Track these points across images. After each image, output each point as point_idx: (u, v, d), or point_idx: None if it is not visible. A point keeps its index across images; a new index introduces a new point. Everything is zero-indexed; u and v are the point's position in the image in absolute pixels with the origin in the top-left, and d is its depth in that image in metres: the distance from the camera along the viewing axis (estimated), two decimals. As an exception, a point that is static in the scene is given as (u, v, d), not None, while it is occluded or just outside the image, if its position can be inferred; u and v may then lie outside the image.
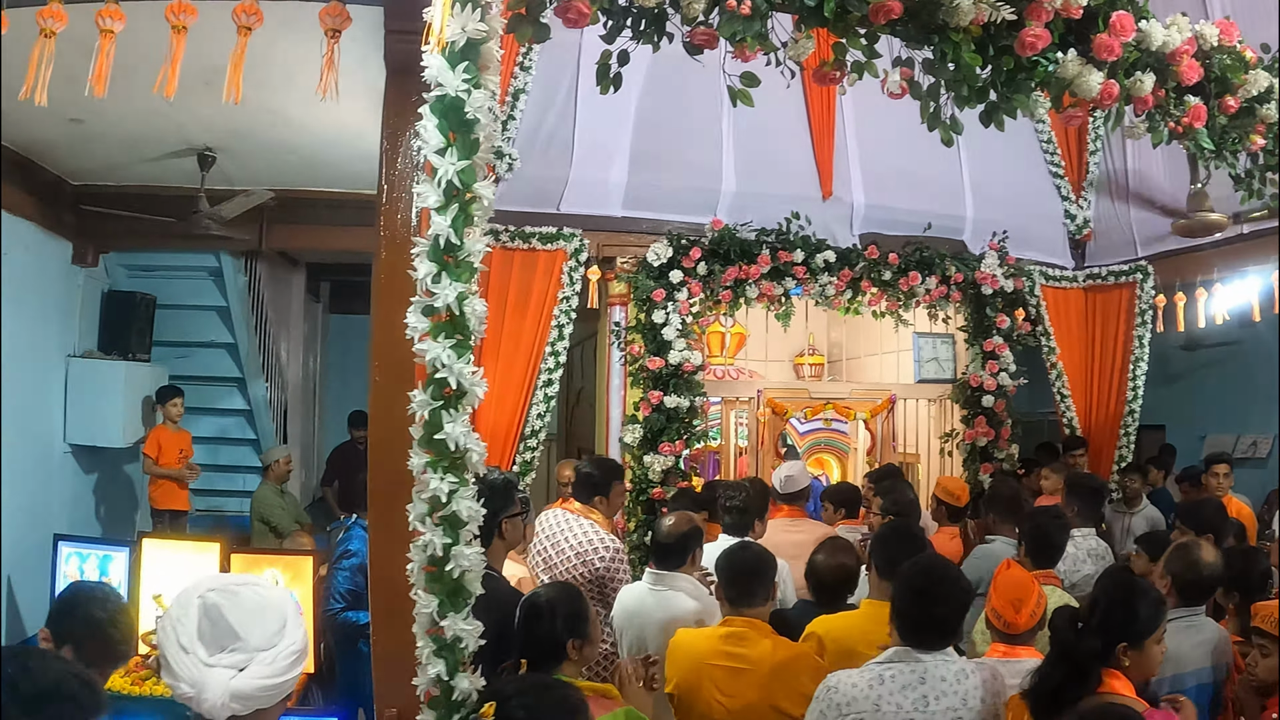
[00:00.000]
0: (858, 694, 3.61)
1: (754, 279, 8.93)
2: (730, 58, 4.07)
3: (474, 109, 3.37)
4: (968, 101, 4.42)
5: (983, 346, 9.96)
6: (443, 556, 3.34)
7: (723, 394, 9.73)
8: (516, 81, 8.20)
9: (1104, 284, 10.46)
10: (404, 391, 3.48)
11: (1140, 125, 5.09)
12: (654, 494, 8.45)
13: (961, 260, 9.81)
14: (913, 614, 3.74)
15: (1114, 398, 10.35)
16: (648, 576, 5.19)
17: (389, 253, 4.69)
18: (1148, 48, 4.65)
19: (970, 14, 3.97)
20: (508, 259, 8.22)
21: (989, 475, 9.69)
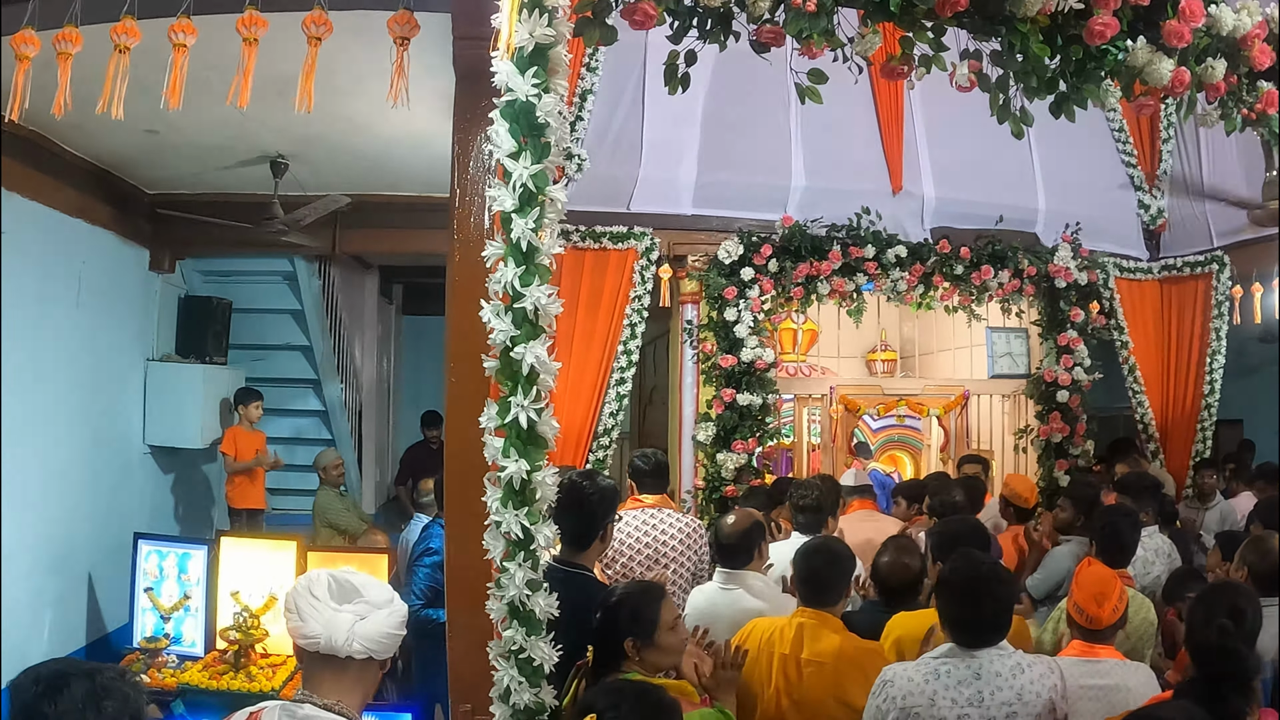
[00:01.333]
0: (913, 688, 3.63)
1: (825, 275, 8.90)
2: (797, 55, 4.06)
3: (544, 113, 3.41)
4: (1037, 93, 4.39)
5: (1057, 341, 9.86)
6: (522, 539, 3.39)
7: (795, 391, 9.71)
8: (584, 82, 8.19)
9: (1179, 275, 10.31)
10: (478, 390, 3.52)
11: (1213, 113, 5.03)
12: (727, 492, 8.42)
13: (1034, 253, 9.71)
14: (957, 615, 3.77)
15: (1190, 392, 10.21)
16: (718, 576, 5.20)
17: (462, 255, 4.74)
18: (1218, 33, 4.59)
19: (1037, 4, 3.94)
20: (579, 259, 8.26)
21: (1064, 472, 9.60)
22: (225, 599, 6.70)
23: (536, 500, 3.45)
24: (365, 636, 2.98)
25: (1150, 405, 10.29)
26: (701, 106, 8.79)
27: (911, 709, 3.59)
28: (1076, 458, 9.81)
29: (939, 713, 3.57)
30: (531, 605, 3.44)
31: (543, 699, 3.51)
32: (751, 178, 9.08)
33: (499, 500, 3.43)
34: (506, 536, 3.41)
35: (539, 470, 3.44)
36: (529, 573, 3.44)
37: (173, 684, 6.54)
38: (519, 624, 3.47)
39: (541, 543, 3.44)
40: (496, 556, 3.47)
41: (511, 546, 3.43)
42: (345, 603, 3.01)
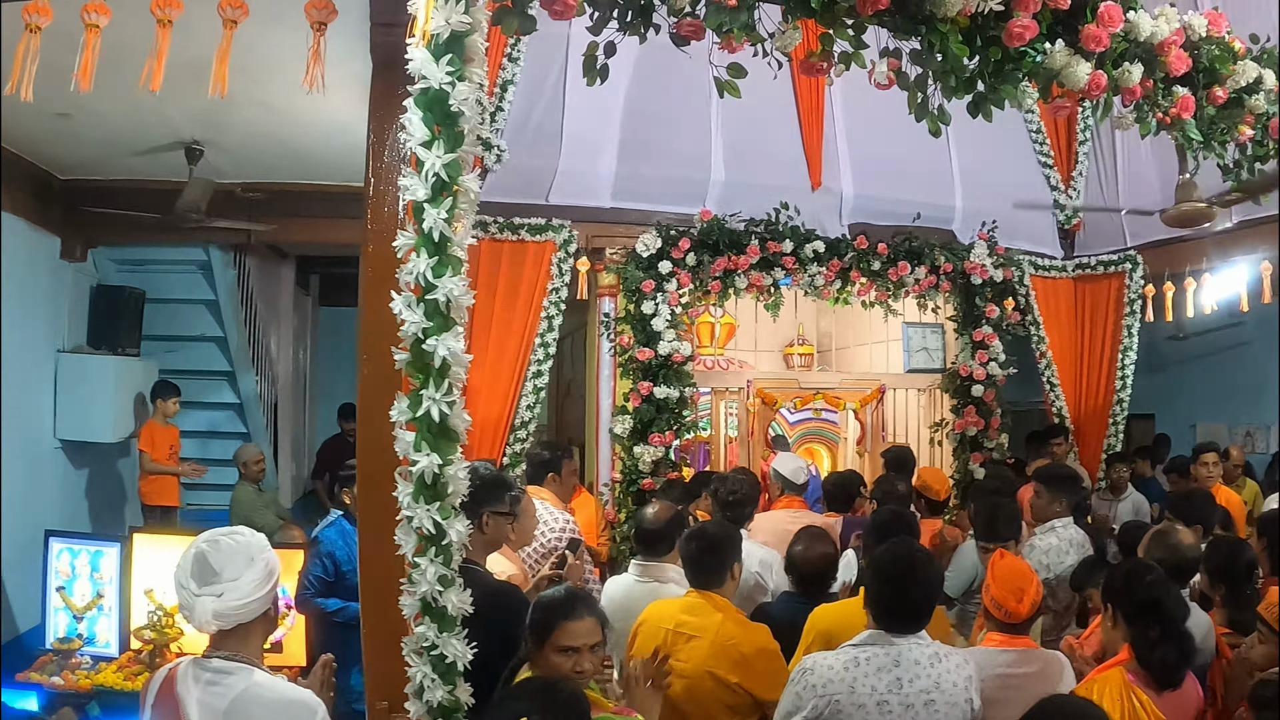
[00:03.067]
0: (833, 675, 3.66)
1: (743, 269, 8.92)
2: (717, 49, 4.06)
3: (459, 102, 3.37)
4: (955, 92, 4.42)
5: (972, 336, 10.00)
6: (434, 534, 3.37)
7: (712, 384, 9.70)
8: (505, 72, 8.13)
9: (1093, 274, 10.54)
10: (390, 383, 3.49)
11: (1128, 116, 5.10)
12: (644, 485, 8.42)
13: (951, 250, 9.84)
14: (885, 599, 3.81)
15: (1103, 387, 10.44)
16: (634, 568, 5.20)
17: (377, 246, 4.69)
18: (1136, 38, 4.65)
19: (958, 5, 3.97)
20: (496, 250, 8.20)
21: (979, 464, 9.74)
22: (139, 598, 6.58)
23: (448, 495, 3.42)
24: (224, 614, 3.32)
25: (1064, 399, 10.44)
26: (622, 99, 8.76)
27: (831, 696, 3.62)
28: (991, 451, 9.96)
29: (858, 699, 3.61)
30: (444, 602, 3.41)
31: (458, 696, 3.49)
32: (671, 171, 9.05)
33: (410, 495, 3.40)
34: (418, 532, 3.38)
35: (451, 464, 3.41)
36: (441, 568, 3.41)
37: (87, 685, 6.40)
38: (431, 620, 3.44)
39: (454, 538, 3.41)
40: (408, 552, 3.44)
41: (423, 542, 3.41)
42: (205, 586, 3.33)
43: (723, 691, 4.35)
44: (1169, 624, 3.92)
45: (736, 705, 4.36)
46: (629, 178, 8.88)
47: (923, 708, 3.63)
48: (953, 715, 3.69)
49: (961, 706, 3.71)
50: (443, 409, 3.35)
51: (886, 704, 3.61)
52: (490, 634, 3.75)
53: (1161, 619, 3.93)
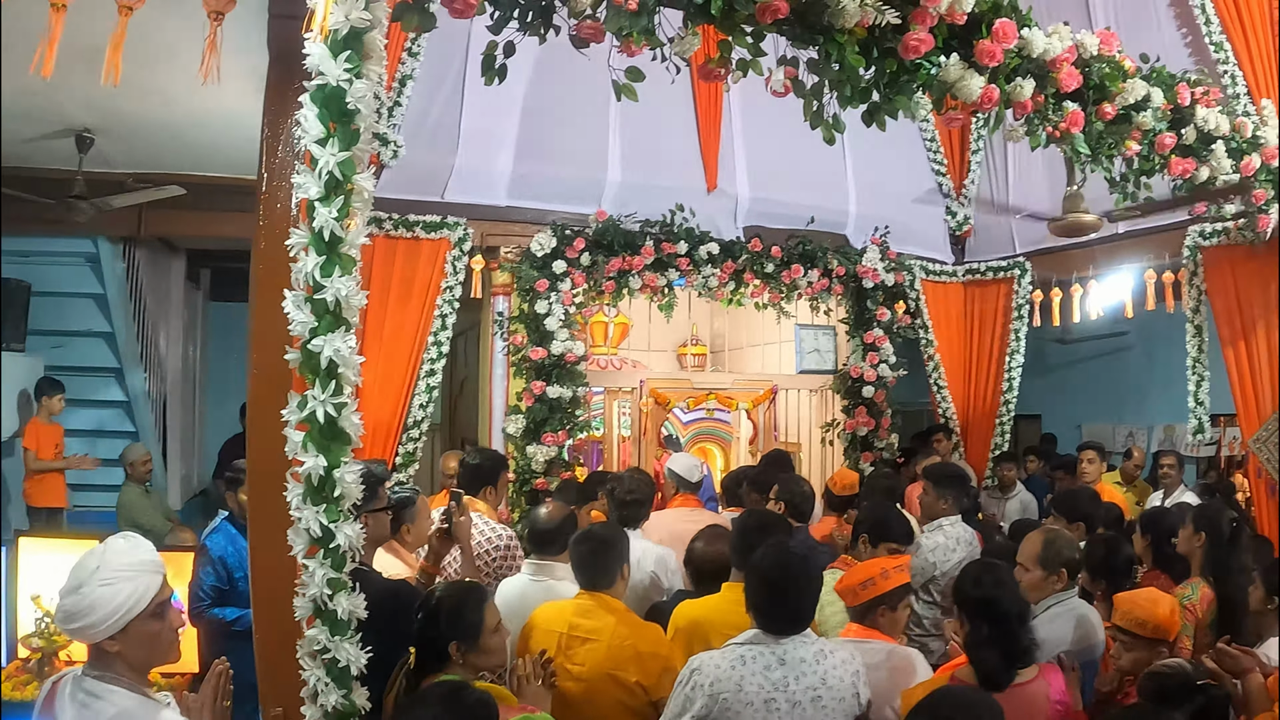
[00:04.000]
0: (721, 674, 3.68)
1: (637, 270, 8.96)
2: (616, 52, 4.08)
3: (355, 99, 3.35)
4: (850, 101, 4.49)
5: (863, 338, 10.18)
6: (323, 535, 3.34)
7: (605, 384, 9.71)
8: (404, 67, 8.01)
9: (983, 279, 10.77)
10: (281, 383, 3.46)
11: (1019, 128, 5.22)
12: (537, 485, 8.41)
13: (843, 254, 9.99)
14: (765, 604, 3.84)
15: (991, 389, 10.68)
16: (527, 567, 5.18)
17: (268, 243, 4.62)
18: (1029, 55, 4.77)
19: (856, 16, 4.03)
20: (391, 247, 8.12)
21: (870, 464, 9.88)
22: (26, 604, 6.42)
23: (338, 497, 3.39)
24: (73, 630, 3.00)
25: (952, 401, 10.66)
26: (522, 98, 8.73)
27: (719, 695, 3.64)
28: (881, 450, 10.10)
29: (746, 698, 3.64)
30: (335, 605, 3.39)
31: (353, 700, 3.46)
32: (568, 171, 9.05)
33: (300, 497, 3.37)
34: (308, 534, 3.36)
35: (340, 466, 3.39)
36: (331, 571, 3.38)
37: (-28, 696, 6.26)
38: (323, 624, 3.41)
39: (344, 541, 3.38)
40: (299, 555, 3.41)
41: (314, 544, 3.38)
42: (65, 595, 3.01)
43: (622, 693, 4.35)
44: (1000, 623, 3.92)
45: (636, 707, 4.36)
46: (525, 176, 8.85)
47: (810, 704, 3.67)
48: (840, 711, 3.74)
49: (849, 702, 3.77)
50: (330, 410, 3.33)
51: (774, 701, 3.65)
52: (384, 635, 3.74)
53: (992, 618, 3.94)
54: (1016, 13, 4.67)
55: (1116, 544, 5.64)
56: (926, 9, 4.19)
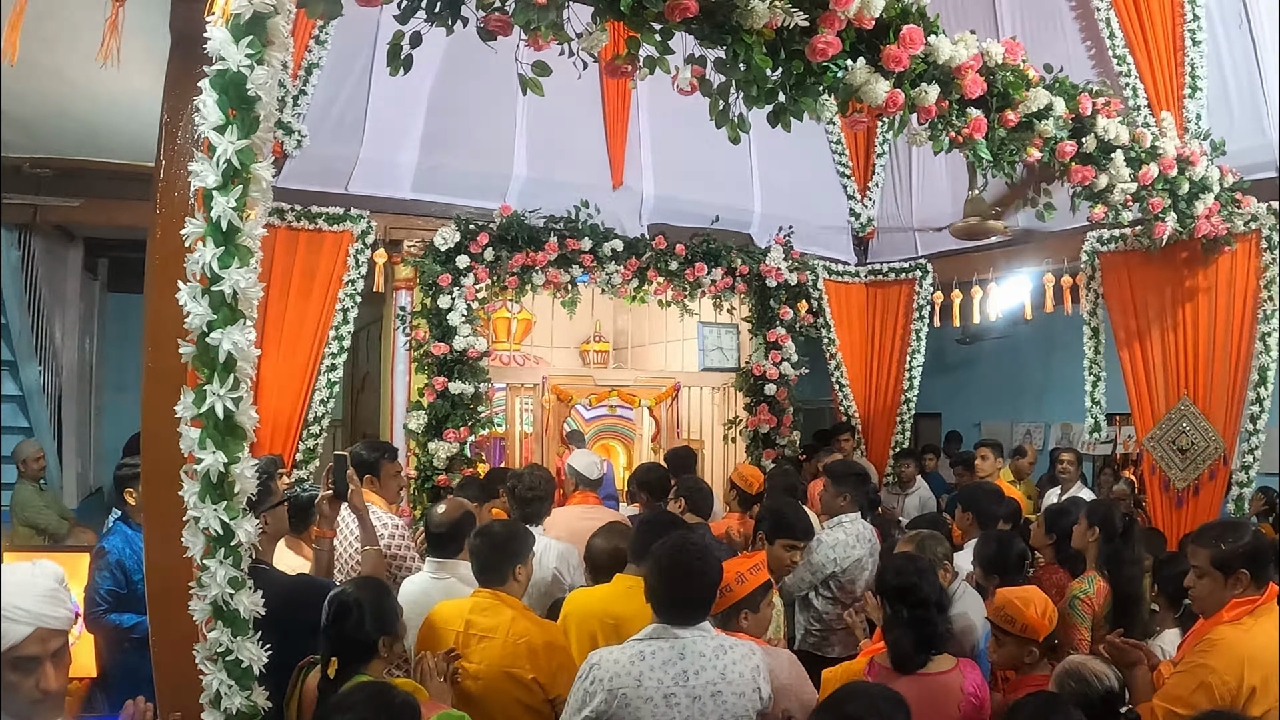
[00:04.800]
0: (620, 670, 3.67)
1: (541, 266, 8.93)
2: (524, 45, 4.05)
3: (256, 86, 3.29)
4: (756, 101, 4.49)
5: (766, 337, 10.26)
6: (223, 533, 3.28)
7: (508, 380, 9.69)
8: (311, 55, 7.92)
9: (885, 280, 10.90)
10: (177, 377, 3.39)
11: (923, 133, 5.26)
12: (439, 481, 8.35)
13: (747, 253, 10.05)
14: (664, 592, 3.84)
15: (891, 387, 10.83)
16: (429, 566, 5.14)
17: (165, 232, 4.52)
18: (935, 61, 4.80)
19: (764, 17, 4.03)
20: (292, 239, 8.00)
21: (771, 461, 9.93)
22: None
23: (235, 494, 3.33)
24: None
25: (853, 399, 10.78)
26: (429, 90, 8.67)
27: (618, 690, 3.63)
28: (783, 447, 10.17)
29: (645, 693, 3.63)
30: (236, 605, 3.33)
31: (255, 702, 3.41)
32: (473, 165, 9.00)
33: (197, 494, 3.31)
34: (206, 533, 3.30)
35: (238, 462, 3.33)
36: (231, 570, 3.32)
37: None
38: (224, 624, 3.35)
39: (243, 539, 3.32)
40: (197, 554, 3.35)
41: (211, 543, 3.32)
42: None
43: (520, 690, 4.33)
44: (917, 608, 4.06)
45: (533, 704, 4.34)
46: (431, 170, 8.79)
47: (710, 699, 3.67)
48: (740, 706, 3.73)
49: (750, 697, 3.76)
50: (228, 405, 3.27)
51: (674, 696, 3.64)
52: (287, 633, 3.69)
53: (911, 604, 4.07)
54: (924, 20, 4.71)
55: (1010, 540, 5.76)
56: (835, 13, 4.21)
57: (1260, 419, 7.68)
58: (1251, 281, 7.66)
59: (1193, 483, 7.85)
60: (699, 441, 10.45)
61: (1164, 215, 6.92)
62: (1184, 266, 7.94)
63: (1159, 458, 8.08)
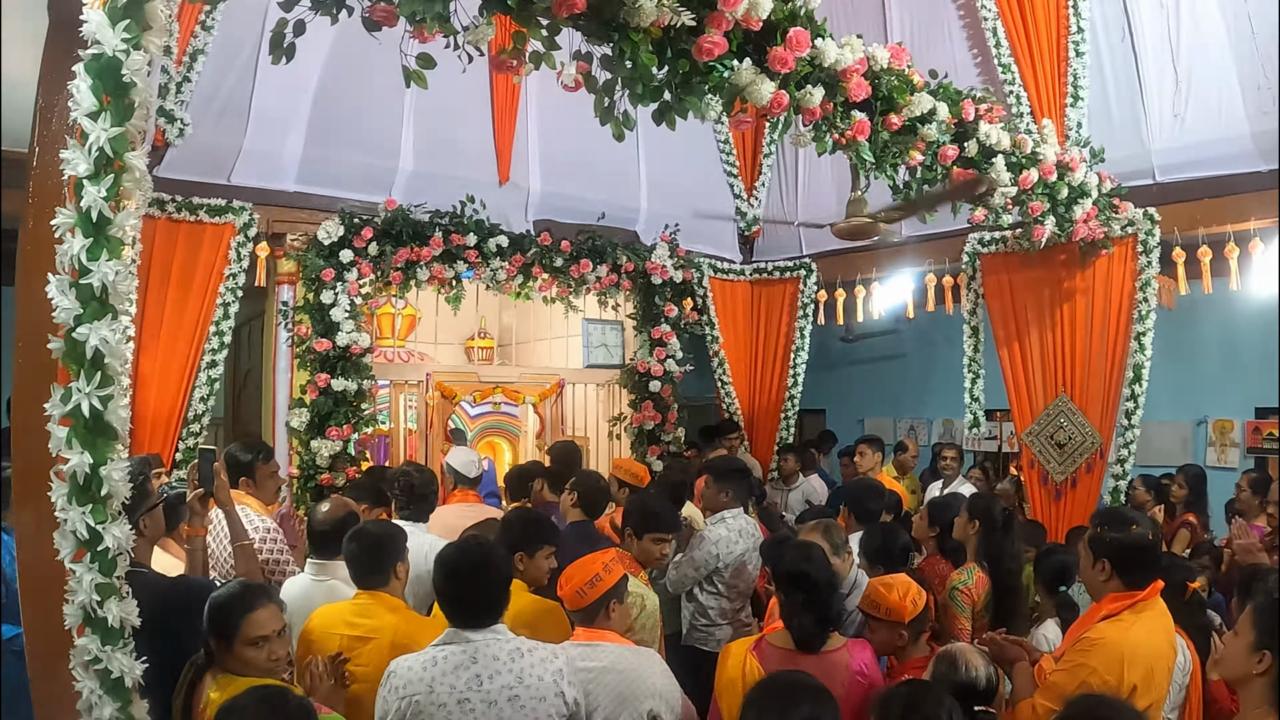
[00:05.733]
0: (413, 677, 3.63)
1: (425, 261, 8.82)
2: (409, 37, 4.01)
3: (132, 72, 3.20)
4: (642, 99, 4.48)
5: (650, 334, 10.28)
6: (90, 538, 3.19)
7: (392, 377, 9.57)
8: (196, 41, 7.70)
9: (770, 278, 10.99)
10: (47, 374, 3.30)
11: (807, 134, 5.29)
12: (322, 480, 8.22)
13: (633, 250, 10.06)
14: (449, 591, 3.83)
15: (776, 384, 10.91)
16: (310, 567, 5.06)
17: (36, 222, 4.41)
18: (821, 64, 4.83)
19: (652, 15, 4.02)
20: (172, 231, 7.79)
21: (657, 458, 9.96)
22: None
23: (104, 497, 3.24)
24: None
25: (738, 395, 10.88)
26: (316, 80, 8.50)
27: (412, 697, 3.59)
28: (668, 444, 10.21)
29: (438, 699, 3.58)
30: (105, 612, 3.24)
31: (131, 713, 3.32)
32: (359, 157, 8.87)
33: (65, 497, 3.21)
34: (75, 536, 3.21)
35: (107, 463, 3.24)
36: (99, 576, 3.23)
37: None
38: (94, 632, 3.26)
39: (111, 544, 3.23)
40: (67, 557, 3.26)
41: (81, 548, 3.23)
42: None
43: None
44: (812, 592, 4.23)
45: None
46: (315, 161, 8.64)
47: (507, 704, 3.61)
48: (542, 710, 3.68)
49: (551, 701, 3.70)
50: (95, 403, 3.17)
51: (468, 702, 3.59)
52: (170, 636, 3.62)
53: (806, 588, 4.23)
54: (812, 23, 4.73)
55: (894, 532, 5.90)
56: (723, 13, 4.21)
57: (1135, 415, 8.02)
58: (1128, 284, 7.97)
59: (1070, 476, 8.16)
60: (584, 438, 10.44)
61: (1043, 219, 7.08)
62: (1062, 268, 8.21)
63: (1037, 452, 8.37)
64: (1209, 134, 8.13)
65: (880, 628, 4.54)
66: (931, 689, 3.57)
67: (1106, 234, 7.69)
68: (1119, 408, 8.04)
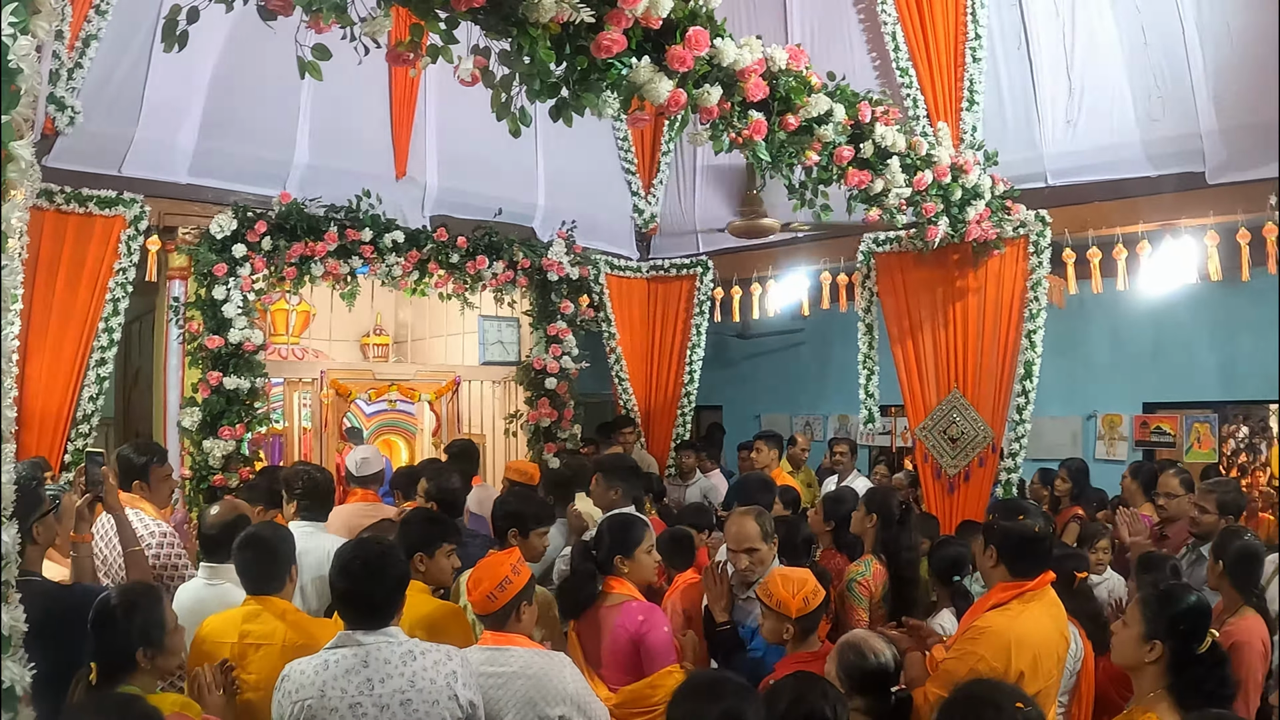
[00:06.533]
0: (305, 681, 3.58)
1: (320, 256, 8.68)
2: (305, 27, 3.95)
3: (19, 57, 3.11)
4: (539, 95, 4.46)
5: (547, 331, 10.28)
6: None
7: (285, 374, 9.43)
8: (90, 26, 7.50)
9: (666, 275, 11.06)
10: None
11: (704, 132, 5.33)
12: (215, 481, 8.03)
13: (530, 246, 10.03)
14: (343, 590, 3.77)
15: (672, 381, 11.00)
16: (202, 571, 4.96)
17: (-80, 214, 4.30)
18: (719, 63, 4.85)
19: (551, 11, 4.00)
20: (61, 223, 7.60)
21: (553, 455, 9.95)
22: None
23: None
24: None
25: (634, 392, 10.93)
26: (211, 70, 8.34)
27: (304, 701, 3.53)
28: (565, 441, 10.22)
29: (329, 704, 3.52)
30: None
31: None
32: (253, 150, 8.74)
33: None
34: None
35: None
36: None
37: None
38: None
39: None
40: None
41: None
42: None
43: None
44: None
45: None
46: (209, 153, 8.48)
47: (399, 708, 3.56)
48: (435, 713, 3.63)
49: (445, 704, 3.65)
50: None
51: (360, 706, 3.53)
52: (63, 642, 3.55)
53: None
54: (712, 22, 4.75)
55: (796, 525, 6.04)
56: (623, 10, 4.21)
57: (1026, 410, 8.25)
58: (1019, 283, 8.18)
59: (963, 470, 8.35)
60: (480, 436, 10.39)
61: (936, 219, 7.22)
62: (955, 268, 8.40)
63: (931, 446, 8.56)
64: (1100, 139, 8.46)
65: (770, 617, 4.58)
66: (816, 682, 3.60)
67: (999, 235, 7.92)
68: (1010, 403, 8.25)
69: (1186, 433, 11.29)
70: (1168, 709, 3.44)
